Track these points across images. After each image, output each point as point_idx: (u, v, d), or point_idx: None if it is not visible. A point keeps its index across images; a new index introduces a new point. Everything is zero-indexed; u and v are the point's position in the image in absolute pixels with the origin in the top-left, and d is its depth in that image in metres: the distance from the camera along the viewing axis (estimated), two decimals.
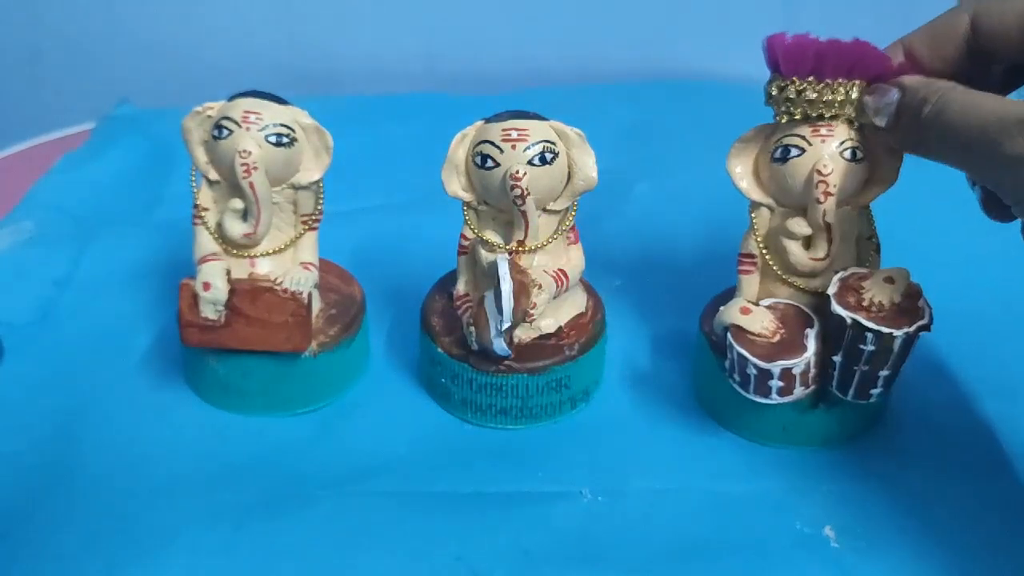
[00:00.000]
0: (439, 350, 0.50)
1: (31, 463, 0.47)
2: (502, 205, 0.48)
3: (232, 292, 0.47)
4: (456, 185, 0.48)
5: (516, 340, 0.48)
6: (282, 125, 0.47)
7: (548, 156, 0.46)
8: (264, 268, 0.50)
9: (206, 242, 0.49)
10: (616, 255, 0.62)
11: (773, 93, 0.45)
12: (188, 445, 0.49)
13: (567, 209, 0.48)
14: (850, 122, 0.45)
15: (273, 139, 0.47)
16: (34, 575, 0.42)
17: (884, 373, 0.44)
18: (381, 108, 0.82)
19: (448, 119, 0.51)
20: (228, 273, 0.48)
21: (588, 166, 0.47)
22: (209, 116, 0.48)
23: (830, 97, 0.44)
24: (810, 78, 0.44)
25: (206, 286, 0.47)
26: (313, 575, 0.42)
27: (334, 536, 0.44)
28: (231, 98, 0.48)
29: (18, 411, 0.51)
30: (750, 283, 0.49)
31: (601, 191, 0.48)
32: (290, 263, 0.50)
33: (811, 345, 0.45)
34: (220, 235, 0.49)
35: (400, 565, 0.43)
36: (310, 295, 0.49)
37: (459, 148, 0.48)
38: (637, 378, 0.54)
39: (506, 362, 0.48)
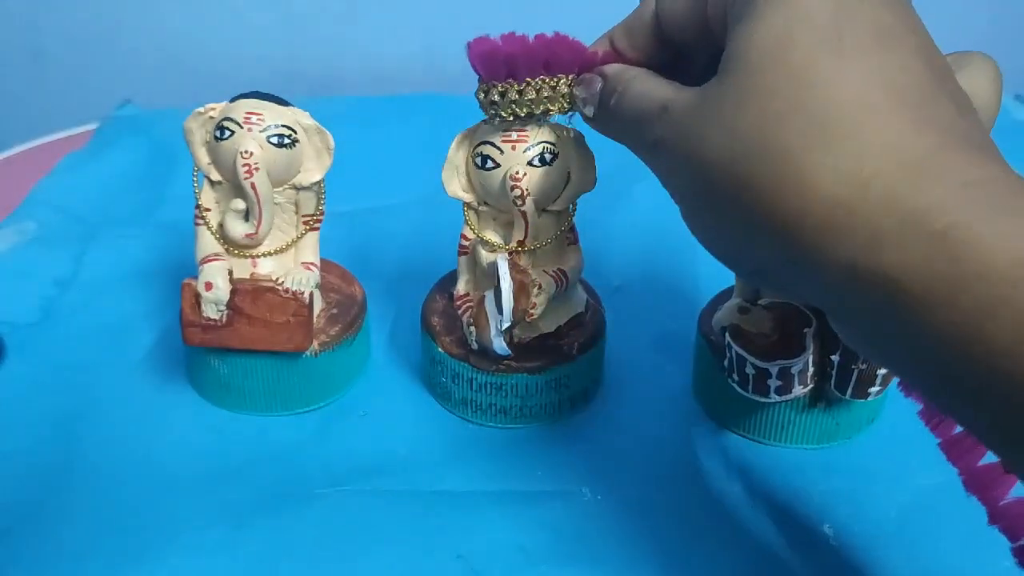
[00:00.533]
0: (439, 349, 0.50)
1: (33, 462, 0.48)
2: (502, 206, 0.48)
3: (234, 292, 0.47)
4: (456, 186, 0.48)
5: (516, 340, 0.48)
6: (284, 126, 0.48)
7: (548, 157, 0.46)
8: (266, 268, 0.50)
9: (208, 242, 0.49)
10: (615, 255, 0.62)
11: (480, 98, 0.45)
12: (189, 444, 0.49)
13: (566, 209, 0.49)
14: (551, 123, 0.46)
15: (275, 140, 0.47)
16: (35, 574, 0.42)
17: (882, 371, 0.44)
18: (382, 109, 0.83)
19: (448, 119, 0.51)
20: (230, 273, 0.48)
21: (587, 167, 0.47)
22: (211, 117, 0.48)
23: (534, 95, 0.44)
24: (509, 80, 0.44)
25: (208, 286, 0.47)
26: (314, 574, 0.42)
27: (335, 535, 0.44)
28: (233, 99, 0.48)
29: (20, 411, 0.51)
30: (747, 283, 0.49)
31: (600, 192, 0.49)
32: (292, 263, 0.50)
33: (809, 344, 0.45)
34: (222, 235, 0.49)
35: (400, 564, 0.43)
36: (311, 295, 0.49)
37: (459, 149, 0.48)
38: (636, 378, 0.54)
39: (506, 362, 0.49)
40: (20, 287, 0.60)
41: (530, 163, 0.46)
